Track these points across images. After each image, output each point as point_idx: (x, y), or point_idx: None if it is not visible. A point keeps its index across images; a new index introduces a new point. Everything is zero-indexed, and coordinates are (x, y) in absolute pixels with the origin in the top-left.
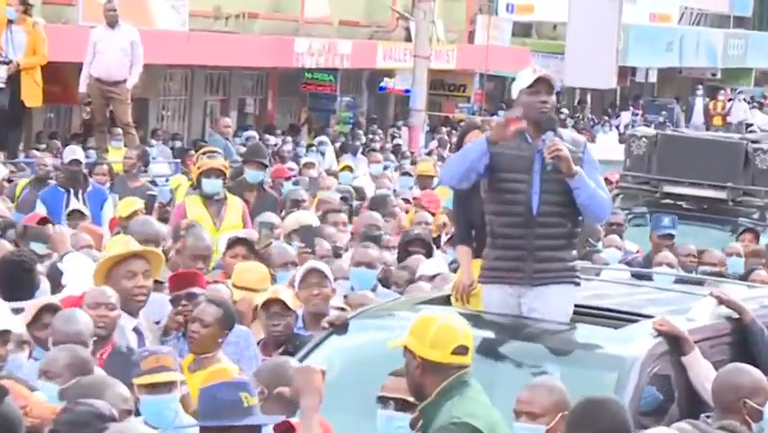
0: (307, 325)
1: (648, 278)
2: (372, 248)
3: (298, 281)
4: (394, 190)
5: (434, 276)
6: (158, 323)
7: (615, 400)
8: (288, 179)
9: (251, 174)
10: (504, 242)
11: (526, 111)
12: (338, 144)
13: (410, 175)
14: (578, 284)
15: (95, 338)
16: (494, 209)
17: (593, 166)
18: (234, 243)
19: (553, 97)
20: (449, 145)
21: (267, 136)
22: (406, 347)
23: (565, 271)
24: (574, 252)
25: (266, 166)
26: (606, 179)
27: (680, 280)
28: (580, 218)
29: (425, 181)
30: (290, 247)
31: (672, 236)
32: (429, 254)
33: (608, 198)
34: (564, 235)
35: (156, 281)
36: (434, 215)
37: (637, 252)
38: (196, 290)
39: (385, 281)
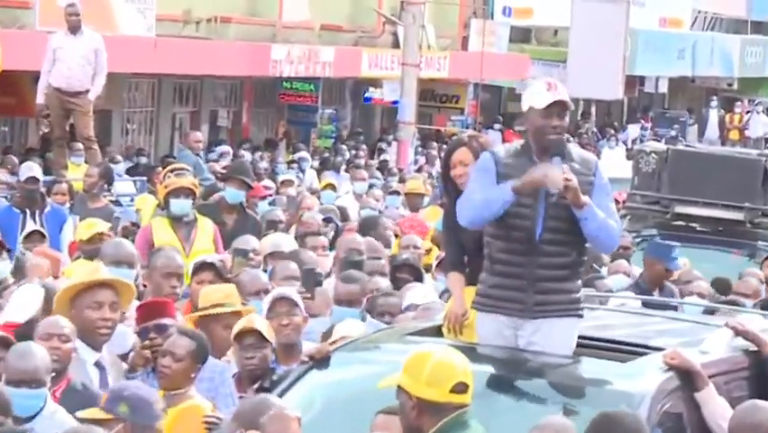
0: (279, 358)
1: (658, 306)
2: (355, 282)
3: (266, 311)
4: (380, 211)
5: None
6: (126, 355)
7: (632, 414)
8: (263, 198)
9: (232, 193)
10: (503, 269)
11: (535, 132)
12: (319, 161)
13: (398, 194)
14: (581, 316)
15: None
16: (494, 232)
17: (605, 191)
18: (200, 268)
19: (566, 119)
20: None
21: (241, 152)
22: (399, 387)
23: (569, 303)
24: (579, 282)
25: (249, 186)
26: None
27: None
28: (587, 245)
29: (414, 201)
30: (263, 273)
31: (666, 267)
32: (419, 281)
33: (618, 228)
34: (569, 265)
35: None
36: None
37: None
38: (165, 321)
39: (372, 309)
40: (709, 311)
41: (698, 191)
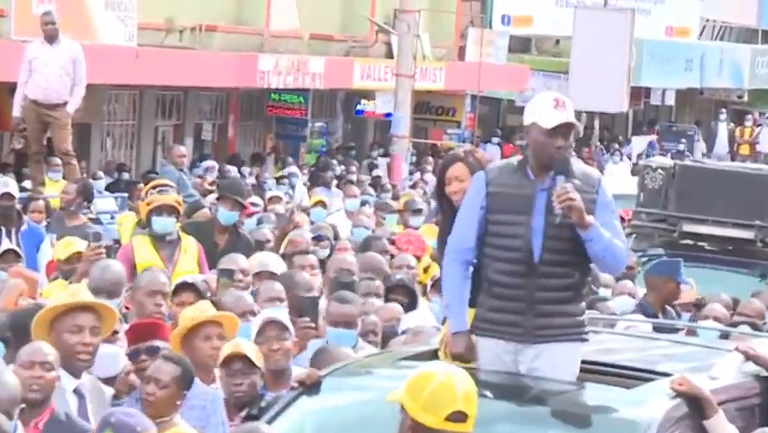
0: (268, 384)
1: (664, 329)
2: (350, 303)
3: (255, 335)
4: (372, 229)
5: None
6: (113, 380)
7: None
8: (250, 215)
9: (225, 214)
10: (501, 291)
11: (536, 150)
12: (309, 176)
13: (393, 212)
14: (585, 340)
15: (23, 405)
16: (490, 253)
17: (609, 209)
18: (181, 289)
19: (571, 138)
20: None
21: (227, 167)
22: (402, 404)
23: (571, 327)
24: (583, 304)
25: (243, 206)
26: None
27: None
28: (591, 266)
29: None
30: (247, 294)
31: (677, 283)
32: (413, 303)
33: (624, 248)
34: (571, 287)
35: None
36: (418, 258)
37: None
38: (158, 343)
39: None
40: (723, 335)
41: (706, 209)
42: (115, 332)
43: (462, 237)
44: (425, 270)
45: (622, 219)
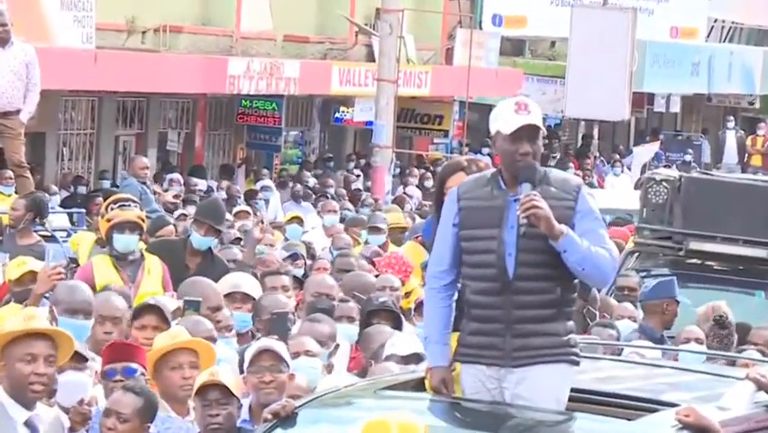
0: (256, 418)
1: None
2: (324, 322)
3: (248, 363)
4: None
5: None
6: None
7: None
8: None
9: (198, 239)
10: (478, 312)
11: (503, 160)
12: (284, 190)
13: (380, 231)
14: (576, 363)
15: None
16: (466, 272)
17: (590, 216)
18: (142, 311)
19: (539, 143)
20: (421, 191)
21: (194, 180)
22: None
23: (556, 347)
24: (569, 323)
25: (220, 232)
26: (616, 235)
27: (709, 360)
28: (575, 281)
29: (393, 236)
30: (205, 320)
31: (677, 302)
32: (397, 328)
33: (609, 257)
34: (552, 303)
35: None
36: (403, 282)
37: None
38: (134, 366)
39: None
40: (730, 361)
41: (715, 225)
42: (84, 359)
43: (438, 259)
44: (407, 294)
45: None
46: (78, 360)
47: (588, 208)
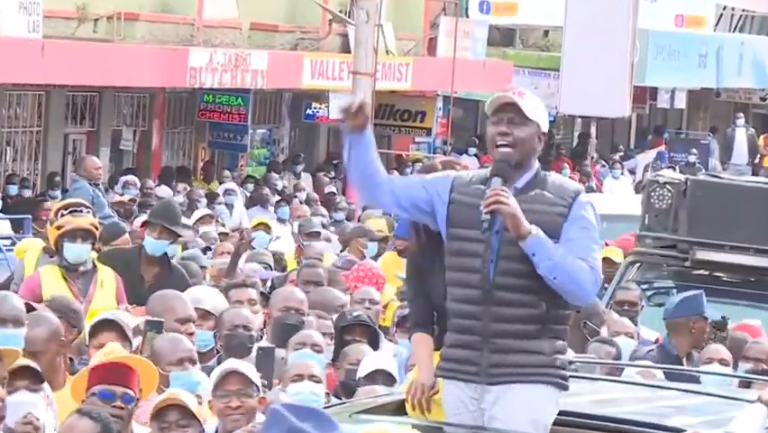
0: None
1: (677, 377)
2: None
3: (213, 386)
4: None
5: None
6: None
7: None
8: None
9: (152, 243)
10: (457, 322)
11: (488, 147)
12: (250, 193)
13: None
14: (562, 387)
15: None
16: (450, 277)
17: (579, 224)
18: (100, 328)
19: (526, 129)
20: None
21: (150, 182)
22: None
23: (537, 366)
24: (558, 342)
25: (174, 233)
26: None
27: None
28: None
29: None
30: (184, 338)
31: (705, 319)
32: (374, 344)
33: (588, 270)
34: (536, 319)
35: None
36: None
37: (656, 341)
38: (130, 392)
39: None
40: (745, 383)
41: (724, 232)
42: (40, 380)
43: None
44: (384, 307)
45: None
46: (34, 380)
47: (579, 216)
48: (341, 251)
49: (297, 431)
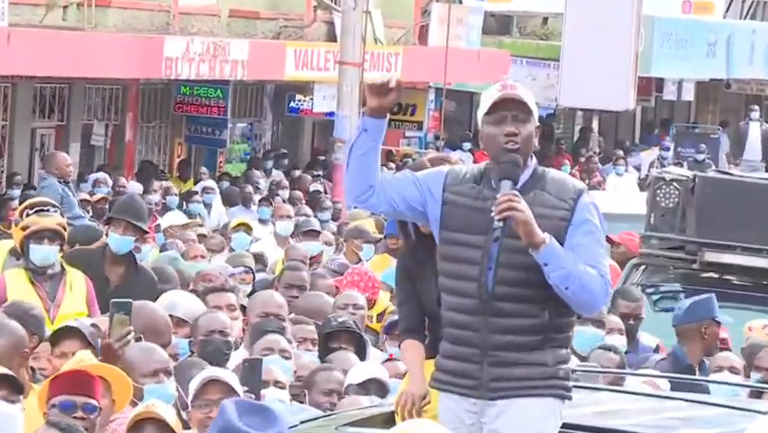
0: None
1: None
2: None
3: (192, 396)
4: (311, 258)
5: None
6: None
7: None
8: (144, 241)
9: (115, 240)
10: (453, 332)
11: (489, 150)
12: (229, 191)
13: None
14: (565, 397)
15: None
16: (443, 284)
17: (585, 228)
18: (62, 336)
19: (529, 126)
20: None
21: (122, 180)
22: None
23: (540, 379)
24: (562, 351)
25: (144, 231)
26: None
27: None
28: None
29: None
30: (158, 348)
31: (718, 324)
32: (361, 352)
33: (599, 278)
34: (538, 329)
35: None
36: (371, 301)
37: (657, 347)
38: (93, 401)
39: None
40: (757, 393)
41: (735, 233)
42: (19, 390)
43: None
44: (381, 315)
45: (612, 242)
46: (12, 390)
47: (584, 219)
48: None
49: (233, 426)
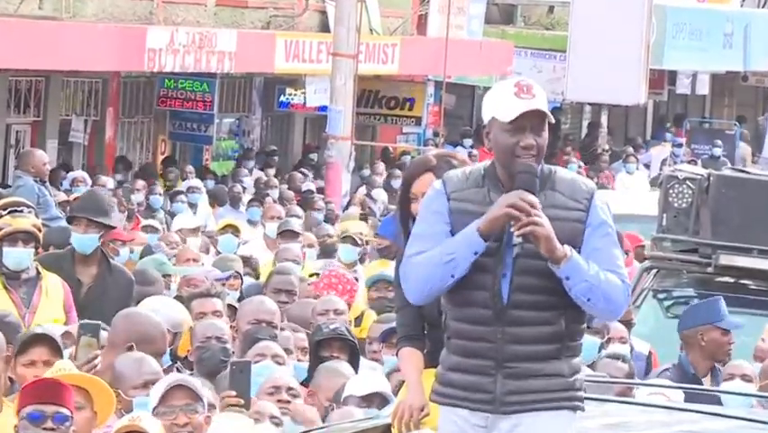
0: None
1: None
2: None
3: (156, 402)
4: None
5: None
6: None
7: None
8: (123, 243)
9: (78, 239)
10: (463, 344)
11: (501, 156)
12: (216, 191)
13: (356, 244)
14: (579, 409)
15: None
16: (451, 295)
17: (601, 231)
18: (29, 343)
19: (545, 134)
20: (388, 193)
21: (103, 179)
22: None
23: (557, 391)
24: (575, 360)
25: (106, 226)
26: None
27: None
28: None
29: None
30: (150, 359)
31: (722, 328)
32: (353, 360)
33: (621, 285)
34: (555, 338)
35: None
36: (348, 305)
37: (649, 354)
38: (65, 410)
39: None
40: None
41: (752, 235)
42: None
43: (421, 241)
44: (357, 319)
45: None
46: None
47: (600, 221)
48: (318, 257)
49: None
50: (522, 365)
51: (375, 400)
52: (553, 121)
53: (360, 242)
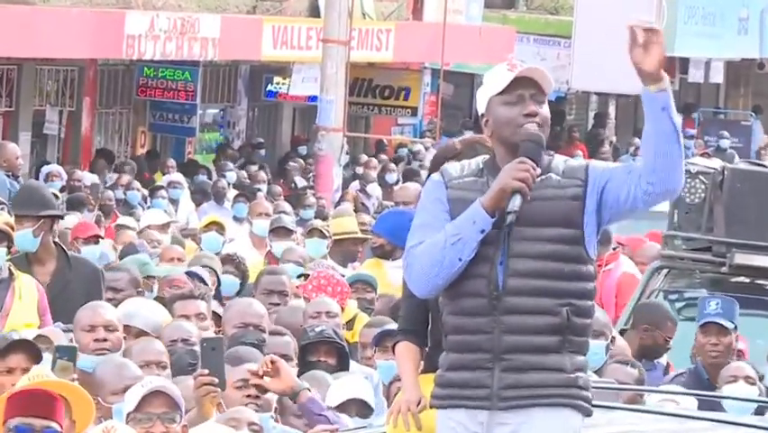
0: None
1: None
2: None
3: (133, 408)
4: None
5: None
6: None
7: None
8: (96, 239)
9: (20, 237)
10: (459, 339)
11: (501, 130)
12: (200, 185)
13: (324, 236)
14: (586, 412)
15: None
16: (448, 288)
17: (612, 165)
18: (8, 350)
19: (546, 108)
20: (382, 189)
21: (79, 173)
22: None
23: (557, 386)
24: (580, 357)
25: (52, 219)
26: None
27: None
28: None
29: (345, 248)
30: (131, 364)
31: (725, 329)
32: (343, 364)
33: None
34: (555, 329)
35: None
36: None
37: (666, 363)
38: (54, 425)
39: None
40: None
41: None
42: None
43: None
44: (349, 323)
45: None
46: None
47: (604, 166)
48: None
49: None
50: (520, 357)
51: (351, 407)
52: (562, 92)
53: (327, 234)
